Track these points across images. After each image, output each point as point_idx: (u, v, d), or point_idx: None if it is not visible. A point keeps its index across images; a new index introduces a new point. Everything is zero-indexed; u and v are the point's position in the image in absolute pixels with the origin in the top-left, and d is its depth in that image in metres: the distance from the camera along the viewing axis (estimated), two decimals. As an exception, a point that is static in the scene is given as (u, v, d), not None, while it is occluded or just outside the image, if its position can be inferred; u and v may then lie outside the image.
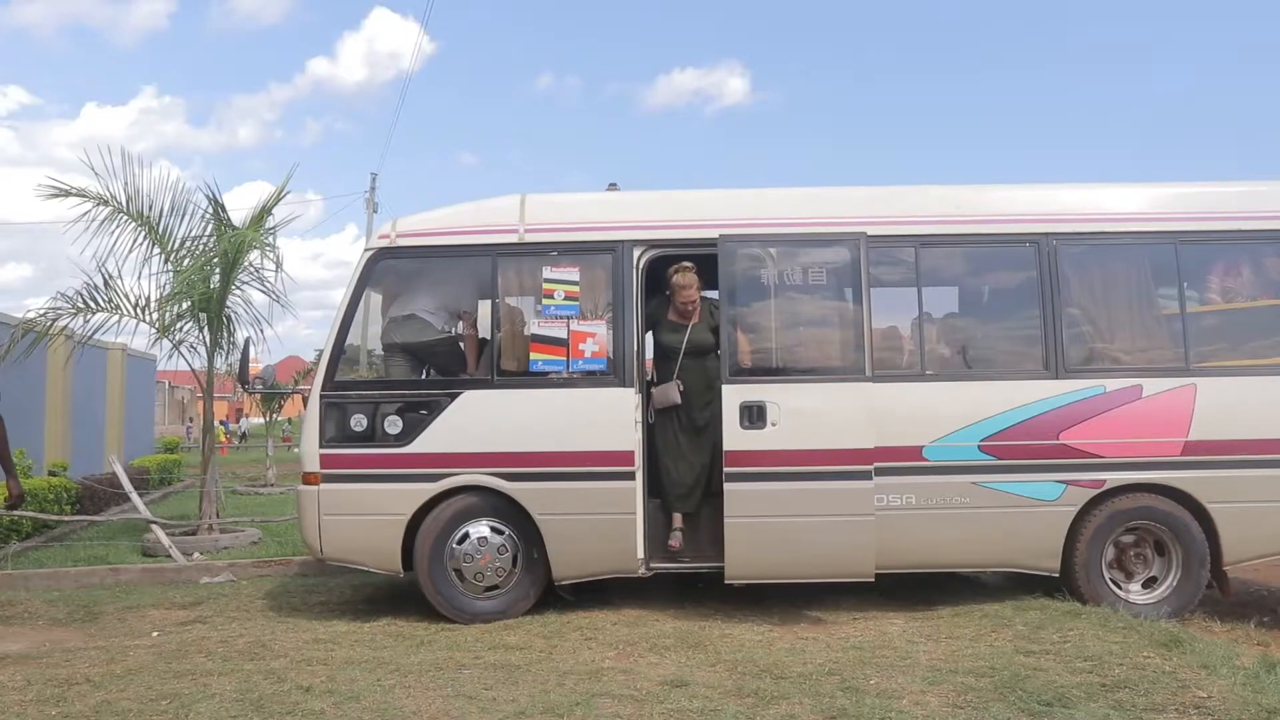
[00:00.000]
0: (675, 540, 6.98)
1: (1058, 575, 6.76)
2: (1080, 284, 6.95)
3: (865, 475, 6.50)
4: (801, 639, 6.05)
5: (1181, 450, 6.62)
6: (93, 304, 10.34)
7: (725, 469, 6.49)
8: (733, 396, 6.55)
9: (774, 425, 6.46)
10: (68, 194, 10.16)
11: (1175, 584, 6.72)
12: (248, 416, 44.51)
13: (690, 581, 7.39)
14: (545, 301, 6.84)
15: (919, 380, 6.79)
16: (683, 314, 7.11)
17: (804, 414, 6.56)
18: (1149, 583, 6.81)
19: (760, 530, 6.48)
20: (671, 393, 7.03)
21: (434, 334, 7.08)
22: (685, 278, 6.99)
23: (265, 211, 10.43)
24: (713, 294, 7.15)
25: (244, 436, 35.21)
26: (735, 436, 6.51)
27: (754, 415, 6.52)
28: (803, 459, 6.51)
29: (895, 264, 6.96)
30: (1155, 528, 6.72)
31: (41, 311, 10.46)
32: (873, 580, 6.68)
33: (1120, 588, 6.76)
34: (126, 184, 10.19)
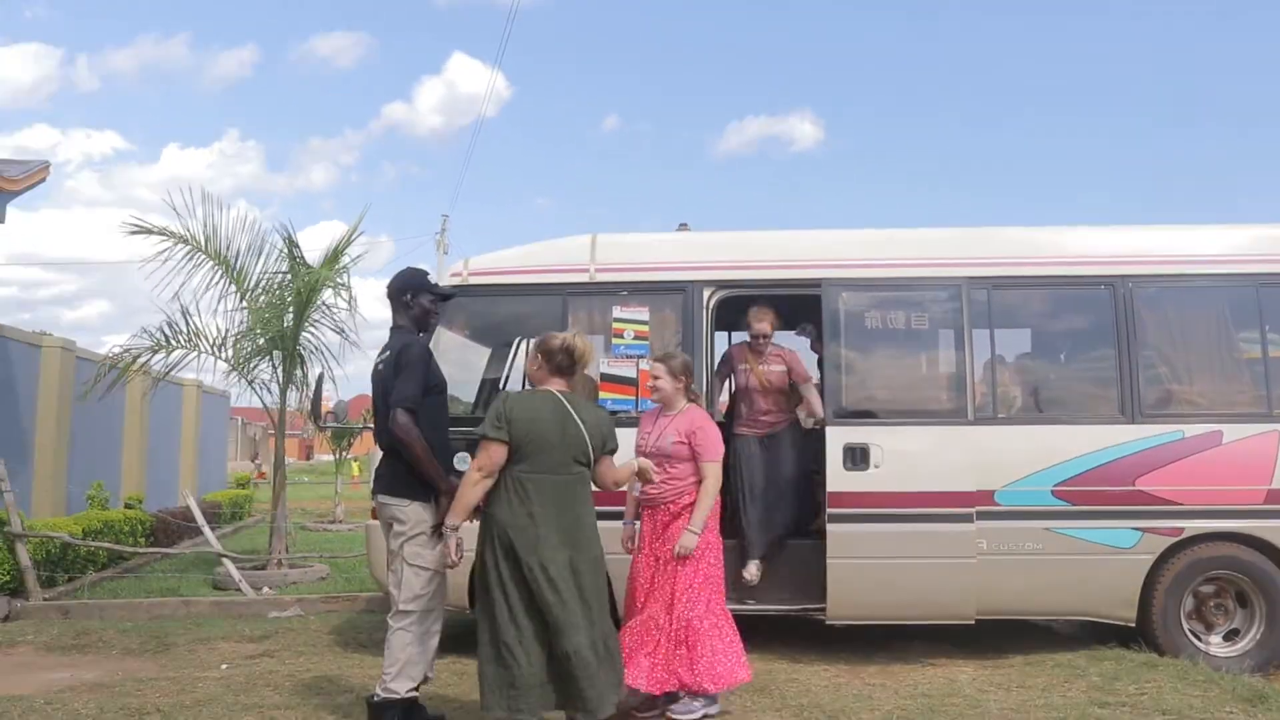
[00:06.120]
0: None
1: (1134, 625, 6.58)
2: (1157, 327, 6.82)
3: (967, 518, 6.43)
4: (869, 685, 5.96)
5: (1264, 499, 6.42)
6: (172, 341, 10.57)
7: (828, 510, 6.44)
8: (836, 438, 6.52)
9: (877, 467, 6.40)
10: (149, 232, 10.39)
11: (1259, 637, 6.49)
12: (299, 453, 43.97)
13: (754, 624, 7.28)
14: (615, 341, 6.86)
15: (991, 424, 6.68)
16: None
17: (907, 456, 6.52)
18: (1231, 635, 6.59)
19: (862, 571, 6.42)
20: None
21: (499, 373, 7.10)
22: None
23: (339, 251, 10.59)
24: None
25: (259, 469, 33.95)
26: (838, 477, 6.47)
27: (857, 457, 6.48)
28: (905, 501, 6.45)
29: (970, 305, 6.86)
30: (1237, 578, 6.51)
31: (124, 348, 10.71)
32: (973, 623, 6.58)
33: (1200, 639, 6.55)
34: (205, 223, 10.41)
